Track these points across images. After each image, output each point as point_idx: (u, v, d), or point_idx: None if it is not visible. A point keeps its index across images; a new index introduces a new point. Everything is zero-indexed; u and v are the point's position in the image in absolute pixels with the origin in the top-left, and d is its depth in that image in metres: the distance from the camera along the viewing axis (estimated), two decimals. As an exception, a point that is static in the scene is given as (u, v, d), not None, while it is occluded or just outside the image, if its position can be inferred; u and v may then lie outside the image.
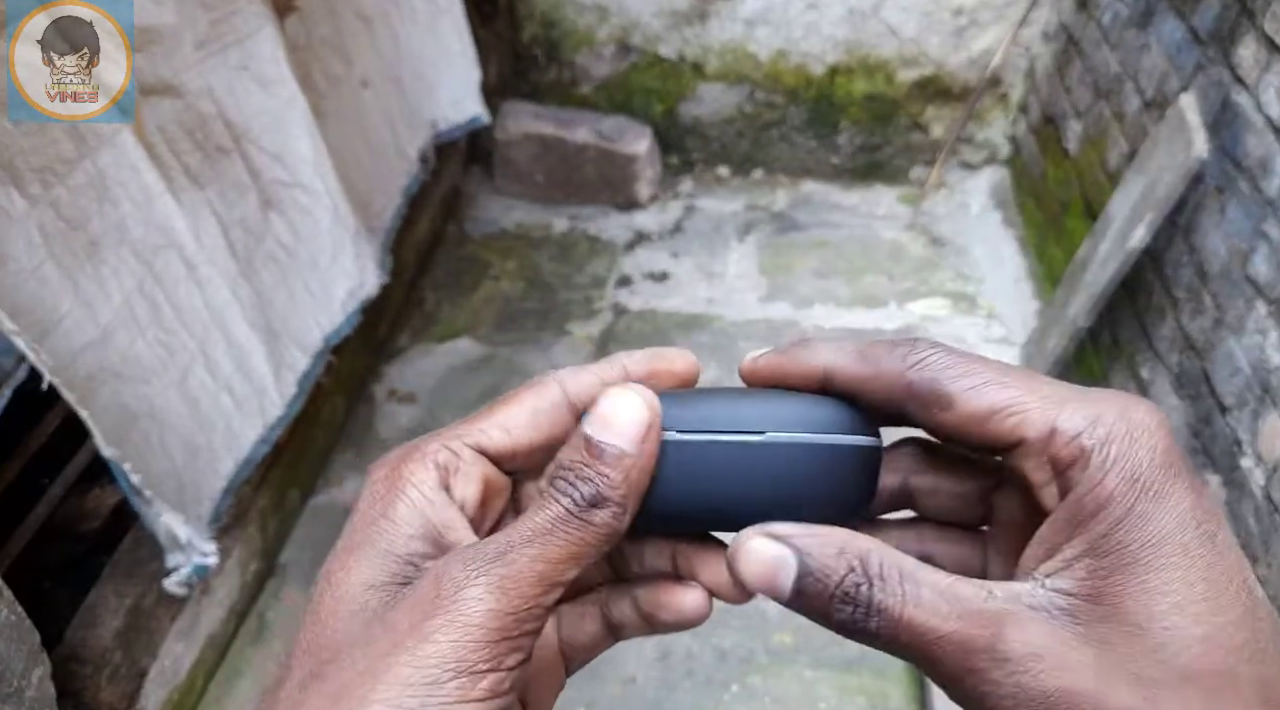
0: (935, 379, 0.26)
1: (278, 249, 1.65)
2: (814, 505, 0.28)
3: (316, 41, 1.78)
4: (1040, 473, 0.25)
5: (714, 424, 0.28)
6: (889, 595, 0.24)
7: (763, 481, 0.27)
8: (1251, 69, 1.68)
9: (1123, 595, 0.23)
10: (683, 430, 0.28)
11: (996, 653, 0.23)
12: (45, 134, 1.19)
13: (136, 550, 1.62)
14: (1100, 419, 0.24)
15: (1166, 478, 0.23)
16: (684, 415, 0.28)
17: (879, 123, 3.03)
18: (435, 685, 0.23)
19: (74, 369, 1.22)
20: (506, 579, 0.25)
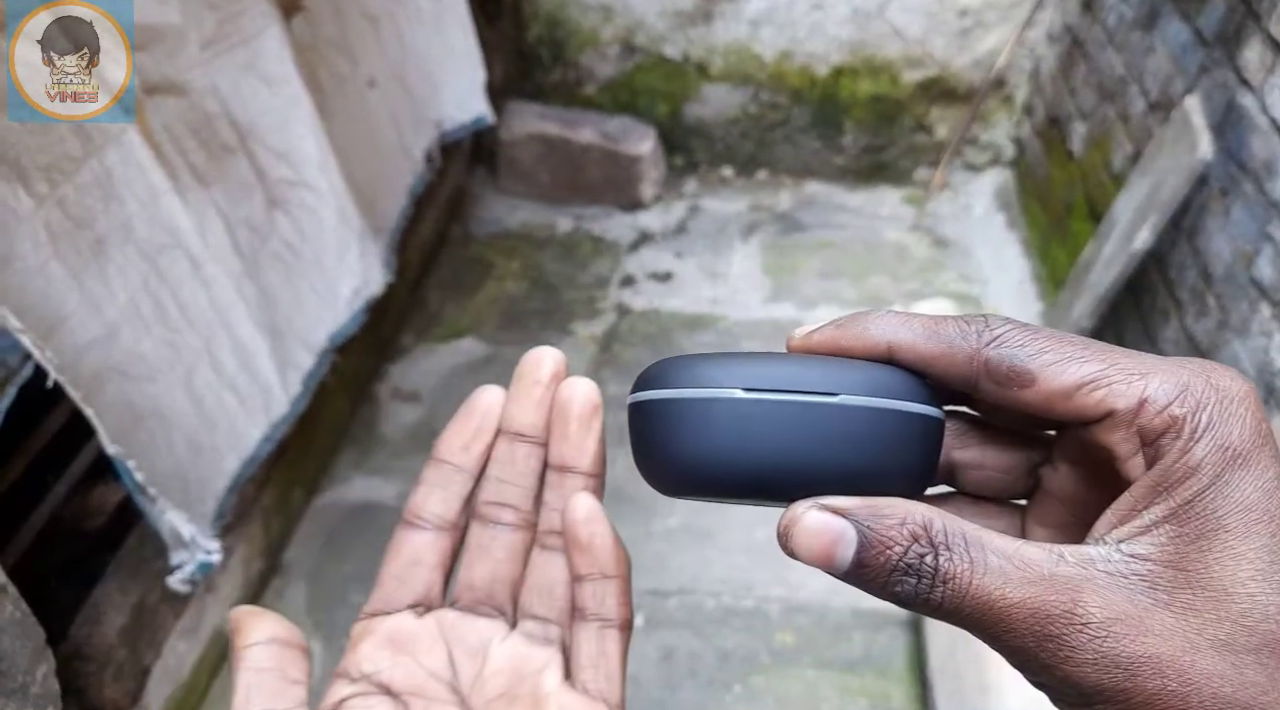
0: (1014, 356, 0.26)
1: (283, 248, 1.66)
2: (880, 472, 0.27)
3: (322, 41, 1.79)
4: (1127, 444, 0.25)
5: (784, 383, 0.26)
6: (956, 563, 0.24)
7: (833, 443, 0.26)
8: (1257, 71, 1.68)
9: (1207, 562, 0.22)
10: (751, 389, 0.26)
11: (1075, 618, 0.23)
12: (51, 132, 1.19)
13: (141, 548, 1.62)
14: (1190, 388, 0.24)
15: (1255, 446, 0.23)
16: (753, 373, 0.26)
17: (883, 124, 3.03)
18: None
19: (79, 367, 1.22)
20: None
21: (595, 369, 2.43)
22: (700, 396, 0.26)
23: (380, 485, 2.14)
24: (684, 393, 0.27)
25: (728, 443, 0.26)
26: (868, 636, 1.77)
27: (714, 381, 0.26)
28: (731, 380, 0.26)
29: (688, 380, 0.27)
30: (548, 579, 0.33)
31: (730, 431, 0.26)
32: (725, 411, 0.26)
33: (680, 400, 0.27)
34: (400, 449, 2.23)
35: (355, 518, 2.07)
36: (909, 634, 1.76)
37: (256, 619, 0.33)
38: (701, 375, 0.27)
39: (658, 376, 0.28)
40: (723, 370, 0.27)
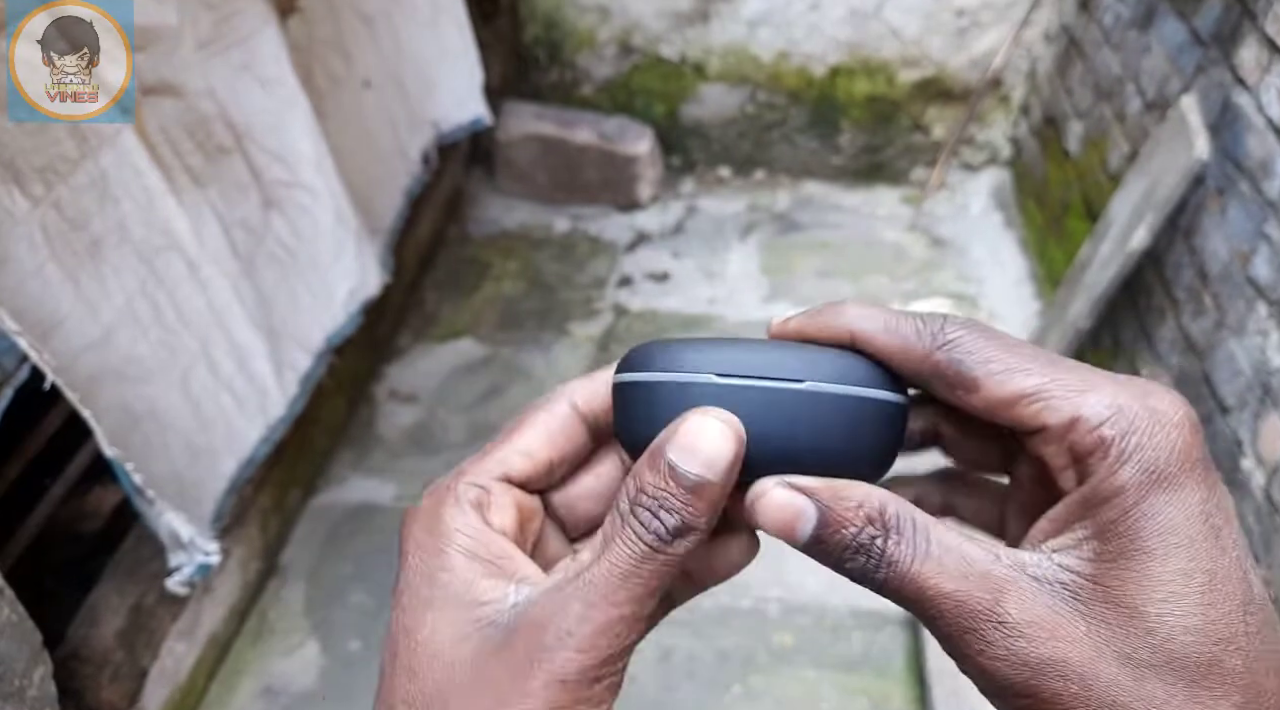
0: (961, 361, 0.27)
1: (279, 249, 1.65)
2: (843, 455, 0.28)
3: (318, 42, 1.78)
4: (1060, 458, 0.26)
5: (755, 370, 0.28)
6: (901, 549, 0.25)
7: (799, 427, 0.28)
8: (1253, 70, 1.68)
9: (1124, 580, 0.23)
10: (723, 374, 0.28)
11: (995, 616, 0.24)
12: (47, 133, 1.19)
13: (138, 550, 1.62)
14: (1123, 409, 0.24)
15: (1182, 471, 0.24)
16: (725, 359, 0.28)
17: (880, 124, 3.04)
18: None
19: (76, 369, 1.22)
20: (598, 626, 0.25)
21: (592, 369, 2.43)
22: (677, 380, 0.28)
23: (378, 486, 2.14)
24: (662, 376, 0.28)
25: None
26: (867, 636, 1.77)
27: (691, 367, 0.28)
28: (707, 366, 0.28)
29: (666, 365, 0.29)
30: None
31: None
32: (700, 395, 0.28)
33: (659, 383, 0.28)
34: (398, 450, 2.23)
35: (353, 518, 2.07)
36: (908, 634, 1.76)
37: None
38: (680, 360, 0.28)
39: (640, 359, 0.30)
40: (700, 356, 0.28)
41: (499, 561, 0.28)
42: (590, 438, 0.32)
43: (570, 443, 0.32)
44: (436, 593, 0.28)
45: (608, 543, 0.27)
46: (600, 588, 0.26)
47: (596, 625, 0.25)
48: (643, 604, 0.26)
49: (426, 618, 0.28)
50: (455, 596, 0.28)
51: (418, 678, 0.27)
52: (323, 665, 1.78)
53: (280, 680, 1.77)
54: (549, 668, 0.25)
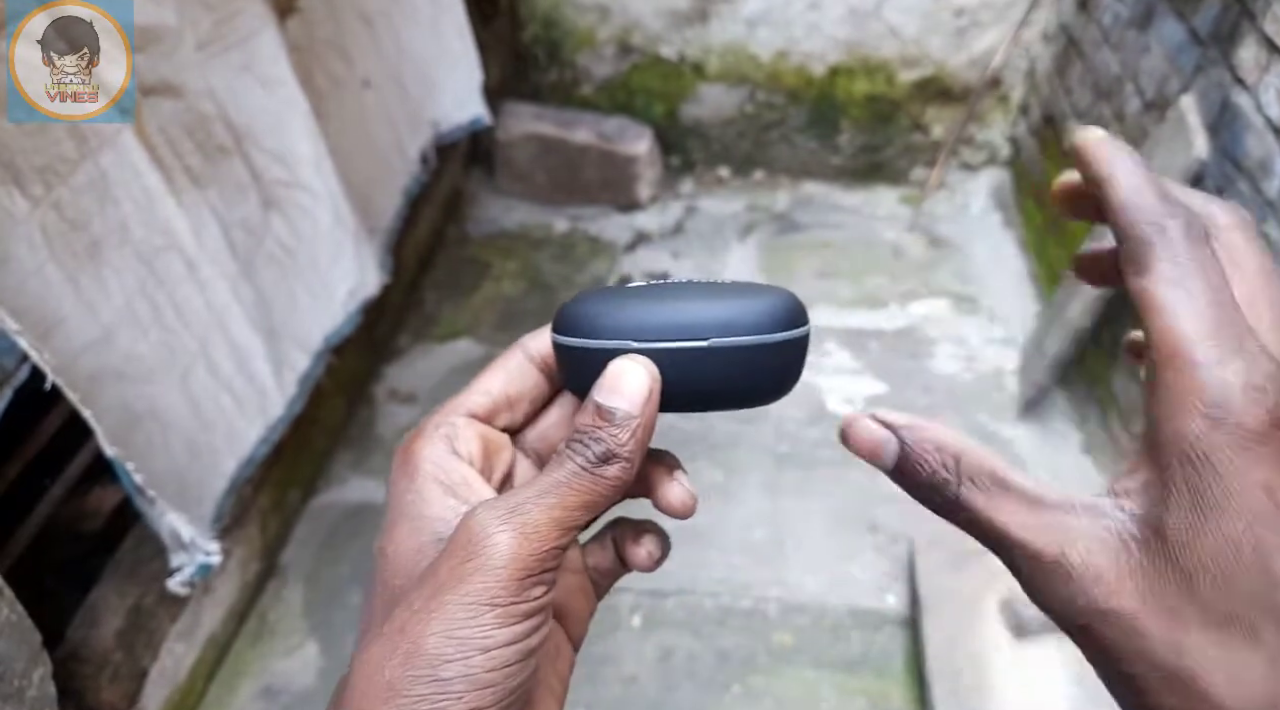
0: (1154, 242, 0.27)
1: (278, 249, 1.66)
2: (747, 391, 0.34)
3: (318, 42, 1.78)
4: (1149, 381, 0.27)
5: (666, 334, 0.32)
6: (974, 496, 0.27)
7: (708, 377, 0.33)
8: (1252, 70, 1.69)
9: (1179, 534, 0.24)
10: (641, 340, 0.32)
11: (1059, 566, 0.26)
12: (47, 134, 1.19)
13: (137, 550, 1.62)
14: (1230, 363, 0.25)
15: (1253, 440, 0.24)
16: (642, 323, 0.32)
17: (880, 123, 3.04)
18: (475, 617, 0.27)
19: (76, 369, 1.22)
20: (526, 526, 0.29)
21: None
22: (603, 347, 0.32)
23: (377, 487, 2.14)
24: (589, 343, 0.33)
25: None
26: (866, 636, 1.77)
27: (613, 334, 0.33)
28: (627, 332, 0.32)
29: (592, 330, 0.33)
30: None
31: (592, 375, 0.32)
32: (596, 359, 0.32)
33: (586, 349, 0.33)
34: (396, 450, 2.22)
35: (352, 519, 2.07)
36: (907, 634, 1.76)
37: None
38: (604, 326, 0.33)
39: (571, 321, 0.34)
40: (621, 319, 0.33)
41: (458, 486, 0.32)
42: (547, 381, 0.37)
43: (526, 383, 0.37)
44: (404, 513, 0.32)
45: (545, 470, 0.31)
46: (530, 493, 0.29)
47: (527, 521, 0.29)
48: (569, 513, 0.29)
49: (394, 536, 0.32)
50: (418, 515, 0.32)
51: (386, 589, 0.31)
52: (322, 666, 1.78)
53: (280, 681, 1.77)
54: (482, 555, 0.28)
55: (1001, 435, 2.17)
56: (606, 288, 0.36)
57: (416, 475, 0.33)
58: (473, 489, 0.33)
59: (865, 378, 2.36)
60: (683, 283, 0.35)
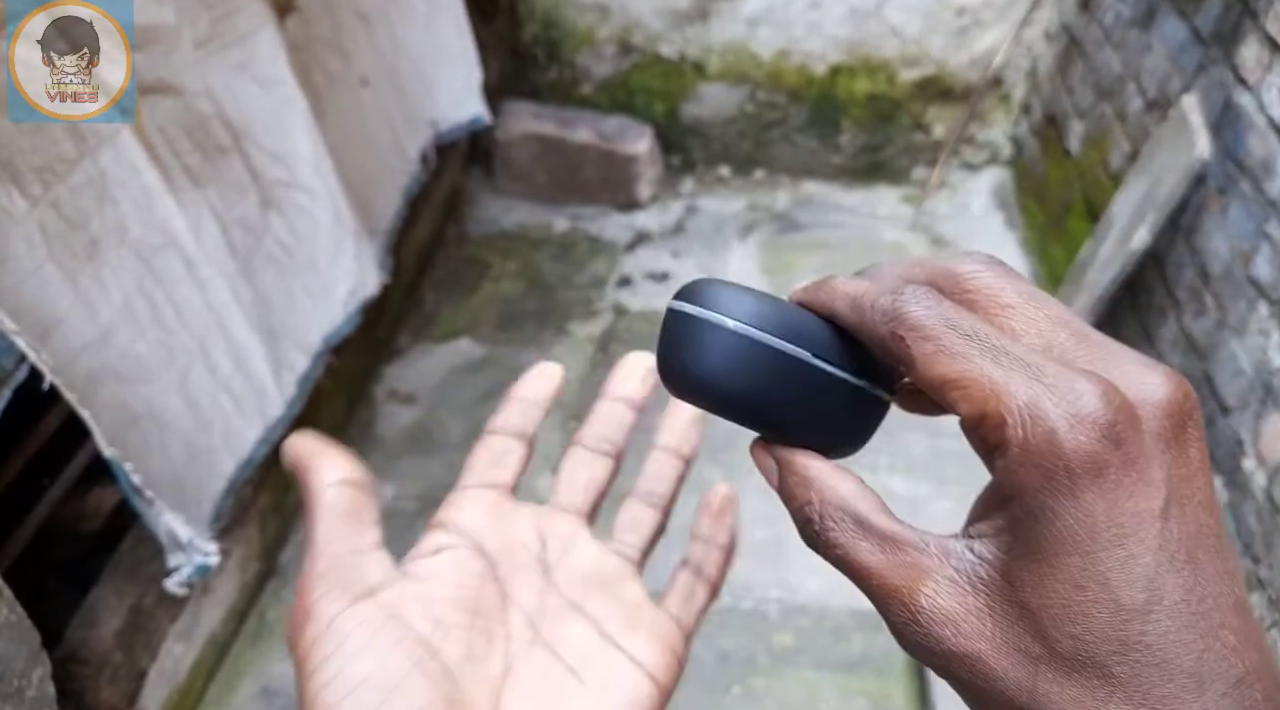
0: (899, 335, 0.26)
1: (277, 249, 1.65)
2: (822, 430, 0.31)
3: (316, 41, 1.78)
4: (980, 447, 0.26)
5: (774, 329, 0.29)
6: (836, 534, 0.28)
7: (795, 394, 0.30)
8: (1254, 69, 1.68)
9: (1025, 581, 0.24)
10: (748, 323, 0.29)
11: (909, 605, 0.25)
12: (46, 133, 1.19)
13: (137, 550, 1.62)
14: (1036, 407, 0.23)
15: (1082, 474, 0.23)
16: (753, 311, 0.30)
17: (881, 123, 3.03)
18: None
19: (74, 369, 1.22)
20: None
21: (592, 369, 2.43)
22: (703, 317, 0.30)
23: (377, 486, 2.13)
24: (695, 310, 0.30)
25: (713, 364, 0.30)
26: (867, 637, 1.77)
27: (722, 309, 0.29)
28: (736, 313, 0.29)
29: (704, 301, 0.30)
30: (638, 518, 0.39)
31: (716, 356, 0.30)
32: (716, 335, 0.30)
33: (691, 316, 0.30)
34: (397, 450, 2.22)
35: (352, 519, 2.06)
36: (907, 634, 1.76)
37: (326, 459, 0.35)
38: (716, 300, 0.30)
39: (686, 291, 0.31)
40: (733, 302, 0.30)
41: None
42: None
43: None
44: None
45: None
46: None
47: None
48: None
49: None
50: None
51: None
52: (322, 666, 1.78)
53: (279, 681, 1.77)
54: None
55: (1002, 435, 2.17)
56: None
57: None
58: None
59: (866, 378, 2.36)
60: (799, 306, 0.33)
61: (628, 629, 0.35)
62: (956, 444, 1.72)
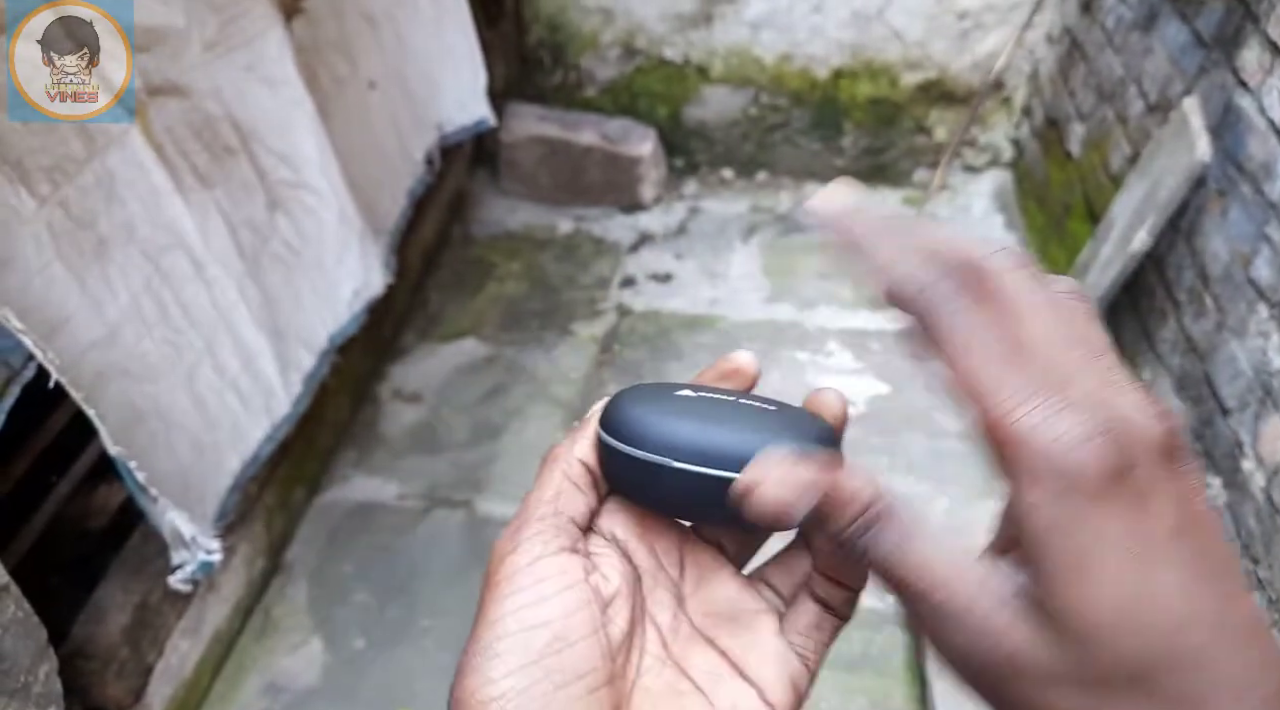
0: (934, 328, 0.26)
1: (284, 249, 1.66)
2: (719, 516, 0.34)
3: (323, 43, 1.79)
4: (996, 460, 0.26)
5: (707, 460, 0.33)
6: (888, 536, 0.27)
7: (676, 492, 0.34)
8: (1255, 72, 1.69)
9: (1062, 609, 0.24)
10: (678, 459, 0.33)
11: (967, 622, 0.25)
12: (54, 134, 1.20)
13: (143, 547, 1.63)
14: (1051, 425, 0.24)
15: (1102, 495, 0.23)
16: (687, 442, 0.34)
17: (883, 126, 3.04)
18: None
19: (81, 367, 1.23)
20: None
21: (596, 369, 2.44)
22: (646, 459, 0.34)
23: (381, 485, 2.15)
24: (632, 452, 0.34)
25: (664, 497, 0.35)
26: (866, 636, 1.77)
27: (654, 448, 0.34)
28: (668, 451, 0.33)
29: (639, 440, 0.34)
30: (794, 563, 0.38)
31: (665, 490, 0.34)
32: (661, 474, 0.34)
33: (631, 457, 0.34)
34: (401, 449, 2.23)
35: (356, 517, 2.08)
36: (907, 633, 1.76)
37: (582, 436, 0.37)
38: (649, 437, 0.34)
39: (619, 425, 0.35)
40: (666, 433, 0.34)
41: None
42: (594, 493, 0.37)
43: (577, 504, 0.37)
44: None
45: None
46: None
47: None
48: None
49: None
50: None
51: None
52: (326, 662, 1.79)
53: (284, 677, 1.78)
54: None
55: (1003, 436, 2.17)
56: (660, 391, 0.36)
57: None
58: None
59: (867, 378, 2.37)
60: (730, 402, 0.36)
61: (757, 663, 0.36)
62: (956, 444, 1.74)
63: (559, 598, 0.32)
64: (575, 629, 0.32)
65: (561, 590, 0.32)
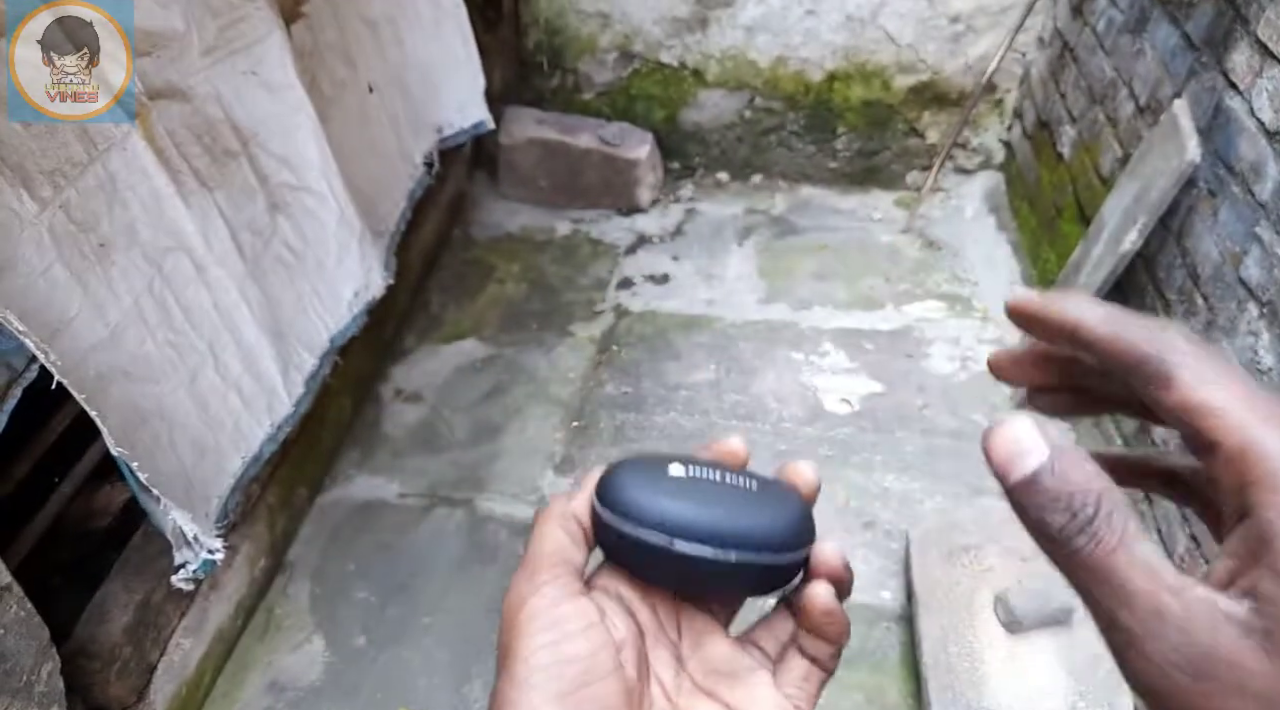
0: (1167, 358, 0.27)
1: (285, 251, 1.68)
2: (753, 591, 0.39)
3: (323, 47, 1.81)
4: (1230, 481, 0.26)
5: (699, 537, 0.37)
6: (1110, 530, 0.26)
7: (726, 579, 0.38)
8: (1244, 74, 1.71)
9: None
10: (680, 538, 0.36)
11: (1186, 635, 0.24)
12: (56, 136, 1.20)
13: (145, 547, 1.64)
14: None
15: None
16: (679, 521, 0.37)
17: (876, 128, 3.06)
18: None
19: (83, 369, 1.23)
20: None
21: (594, 369, 2.46)
22: (640, 538, 0.37)
23: (383, 484, 2.16)
24: (628, 528, 0.37)
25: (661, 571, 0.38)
26: (862, 632, 1.79)
27: (656, 526, 0.36)
28: (668, 528, 0.36)
29: (636, 516, 0.37)
30: (779, 626, 0.41)
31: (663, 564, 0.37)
32: (652, 554, 0.37)
33: (622, 532, 0.37)
34: (403, 449, 2.25)
35: (358, 516, 2.09)
36: (903, 629, 1.78)
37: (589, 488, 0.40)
38: (644, 514, 0.37)
39: (615, 499, 0.38)
40: (664, 516, 0.37)
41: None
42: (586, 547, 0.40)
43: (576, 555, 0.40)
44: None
45: None
46: None
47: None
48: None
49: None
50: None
51: None
52: (328, 660, 1.80)
53: (286, 675, 1.79)
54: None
55: (998, 435, 2.19)
56: (654, 468, 0.39)
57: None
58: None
59: (861, 377, 2.38)
60: (716, 482, 0.39)
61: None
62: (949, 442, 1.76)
63: (584, 636, 0.34)
64: (600, 665, 0.34)
65: (585, 629, 0.35)
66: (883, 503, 2.02)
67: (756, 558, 0.37)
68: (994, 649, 1.60)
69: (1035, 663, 1.57)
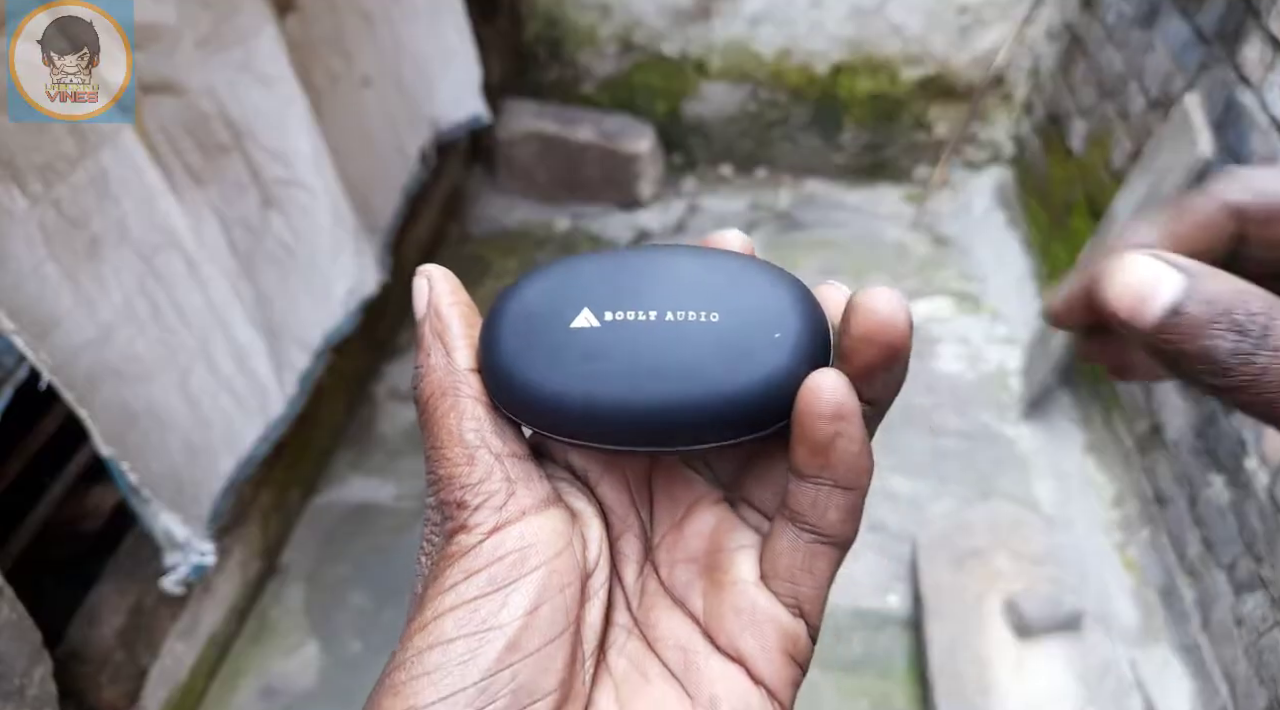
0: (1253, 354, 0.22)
1: (278, 248, 1.65)
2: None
3: (317, 40, 1.78)
4: None
5: (624, 437, 0.28)
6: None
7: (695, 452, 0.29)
8: (1257, 68, 1.68)
9: None
10: (593, 442, 0.29)
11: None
12: (47, 132, 1.19)
13: (138, 549, 1.62)
14: None
15: None
16: (592, 421, 0.28)
17: (883, 122, 3.03)
18: None
19: (73, 368, 1.22)
20: None
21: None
22: (549, 436, 0.29)
23: (378, 485, 2.13)
24: (528, 426, 0.29)
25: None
26: (868, 637, 1.77)
27: (548, 427, 0.28)
28: (567, 432, 0.28)
29: (522, 411, 0.28)
30: (778, 475, 0.30)
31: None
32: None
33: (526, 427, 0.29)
34: (397, 449, 2.22)
35: (353, 518, 2.06)
36: (909, 634, 1.76)
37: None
38: (537, 415, 0.28)
39: (492, 384, 0.29)
40: (555, 417, 0.28)
41: None
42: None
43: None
44: None
45: None
46: None
47: None
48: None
49: None
50: None
51: None
52: (322, 665, 1.78)
53: (280, 680, 1.77)
54: None
55: (1005, 434, 2.17)
56: (553, 306, 0.28)
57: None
58: None
59: (867, 377, 2.35)
60: (652, 323, 0.27)
61: (737, 628, 0.29)
62: (956, 443, 1.72)
63: (523, 585, 0.25)
64: (540, 630, 0.25)
65: (528, 572, 0.25)
66: (890, 505, 1.99)
67: (722, 443, 0.27)
68: (1003, 654, 1.57)
69: (1045, 668, 1.54)
